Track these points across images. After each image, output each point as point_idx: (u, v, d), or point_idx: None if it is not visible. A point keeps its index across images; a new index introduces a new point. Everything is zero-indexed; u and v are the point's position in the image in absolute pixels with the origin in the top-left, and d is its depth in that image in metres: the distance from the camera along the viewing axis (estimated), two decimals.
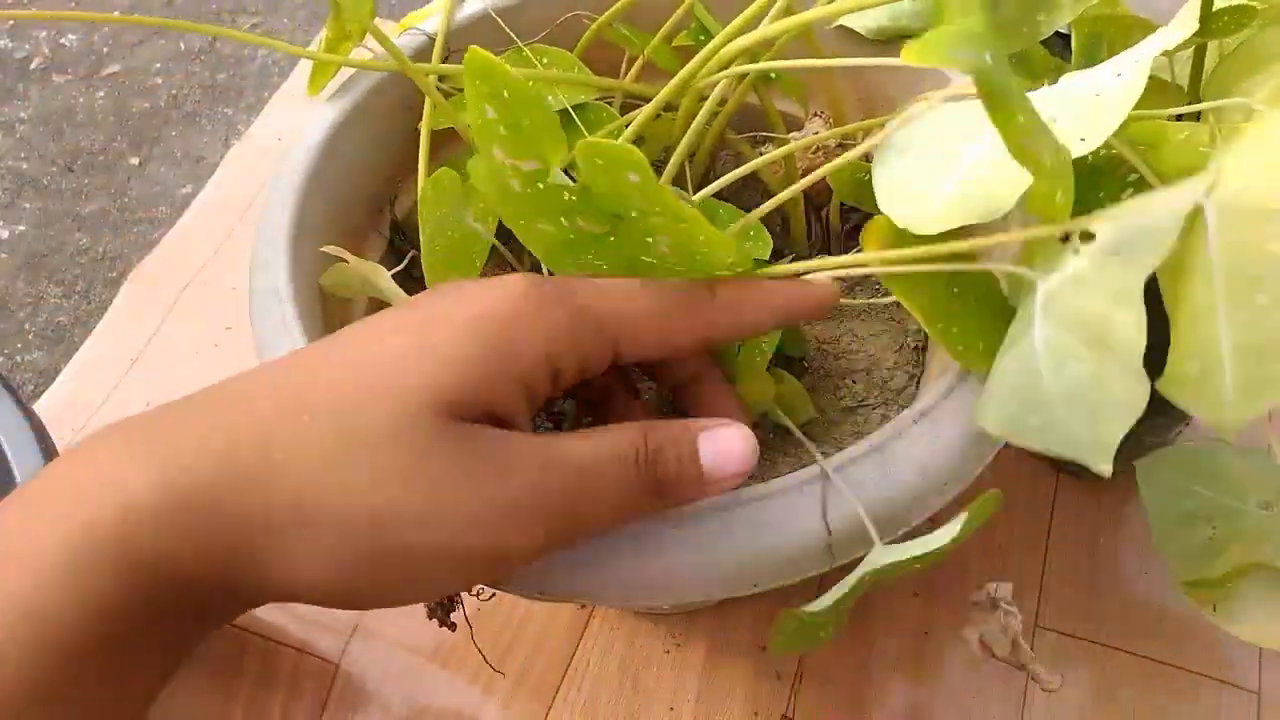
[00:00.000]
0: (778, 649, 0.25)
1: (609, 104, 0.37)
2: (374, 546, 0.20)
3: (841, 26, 0.38)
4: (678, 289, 0.24)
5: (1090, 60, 0.37)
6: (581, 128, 0.35)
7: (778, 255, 0.41)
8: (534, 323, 0.22)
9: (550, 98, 0.36)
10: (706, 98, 0.34)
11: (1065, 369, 0.22)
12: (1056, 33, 0.38)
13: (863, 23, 0.37)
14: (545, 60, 0.37)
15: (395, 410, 0.21)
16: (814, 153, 0.40)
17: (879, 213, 0.37)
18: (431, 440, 0.21)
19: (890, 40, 0.37)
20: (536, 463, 0.22)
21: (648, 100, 0.33)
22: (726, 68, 0.32)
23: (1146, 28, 0.33)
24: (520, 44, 0.36)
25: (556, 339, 0.23)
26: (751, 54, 0.35)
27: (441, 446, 0.21)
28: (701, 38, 0.36)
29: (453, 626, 0.31)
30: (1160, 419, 0.45)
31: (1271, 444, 0.26)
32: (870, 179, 0.35)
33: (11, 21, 1.79)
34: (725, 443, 0.24)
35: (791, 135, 0.39)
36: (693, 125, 0.33)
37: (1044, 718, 0.43)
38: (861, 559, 0.26)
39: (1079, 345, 0.21)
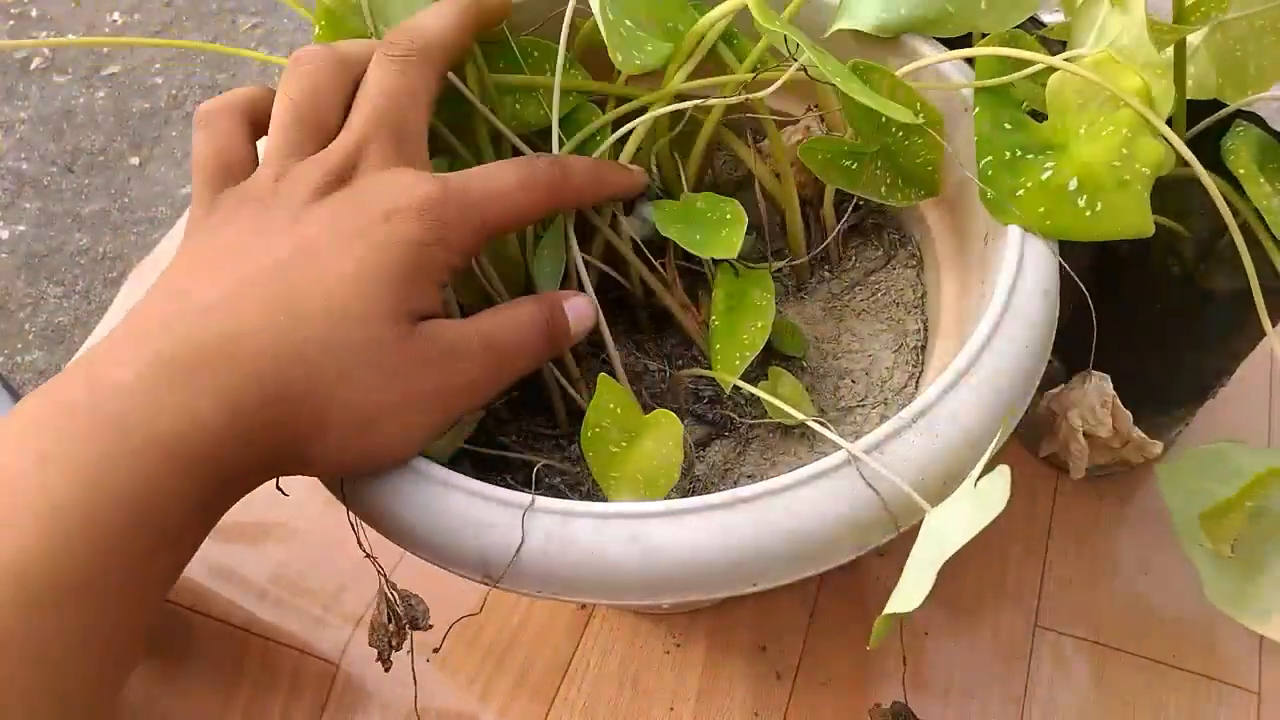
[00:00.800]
0: (878, 642, 0.25)
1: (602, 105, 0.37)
2: (387, 429, 0.27)
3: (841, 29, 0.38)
4: (529, 165, 0.31)
5: None
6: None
7: (777, 255, 0.41)
8: (442, 233, 0.28)
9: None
10: (703, 98, 0.34)
11: None
12: (1052, 36, 0.39)
13: (864, 19, 0.37)
14: (536, 54, 0.37)
15: (373, 330, 0.27)
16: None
17: (868, 200, 0.37)
18: (402, 344, 0.27)
19: (894, 35, 0.37)
20: (478, 343, 0.29)
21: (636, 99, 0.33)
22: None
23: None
24: (510, 37, 0.36)
25: (451, 241, 0.28)
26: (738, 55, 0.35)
27: (410, 348, 0.27)
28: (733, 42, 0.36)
29: (388, 665, 0.30)
30: (1162, 418, 0.46)
31: None
32: (854, 166, 0.35)
33: (11, 21, 1.79)
34: (580, 307, 0.32)
35: (786, 128, 0.39)
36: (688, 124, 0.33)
37: (1044, 717, 0.43)
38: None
39: None
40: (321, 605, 0.48)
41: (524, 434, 0.37)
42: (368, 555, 0.30)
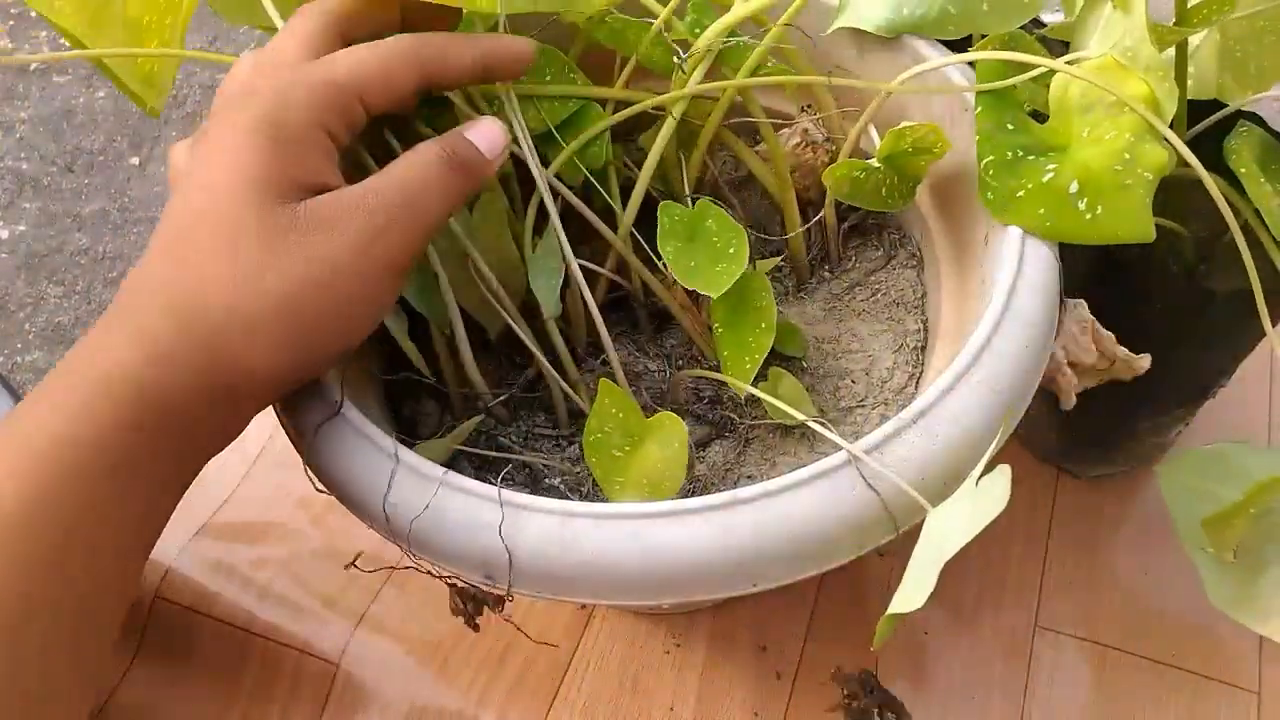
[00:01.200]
0: (881, 642, 0.25)
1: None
2: (301, 318, 0.27)
3: (844, 27, 0.37)
4: (397, 43, 0.30)
5: None
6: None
7: (777, 255, 0.41)
8: (295, 106, 0.28)
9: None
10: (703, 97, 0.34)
11: None
12: (1053, 36, 0.39)
13: (868, 18, 0.37)
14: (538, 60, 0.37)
15: (248, 217, 0.27)
16: (802, 148, 0.40)
17: (875, 209, 0.37)
18: (281, 222, 0.27)
19: (897, 34, 0.37)
20: (374, 198, 0.28)
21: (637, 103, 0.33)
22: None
23: None
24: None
25: (315, 105, 0.28)
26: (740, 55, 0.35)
27: (293, 222, 0.27)
28: (698, 31, 0.36)
29: (476, 627, 0.31)
30: (1162, 418, 0.45)
31: None
32: (864, 176, 0.35)
33: (11, 21, 1.79)
34: (487, 128, 0.31)
35: (783, 130, 0.39)
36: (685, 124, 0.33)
37: (1044, 717, 0.43)
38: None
39: None
40: (321, 605, 0.48)
41: (524, 434, 0.37)
42: (431, 574, 0.30)
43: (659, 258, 0.33)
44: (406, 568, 0.29)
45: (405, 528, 0.28)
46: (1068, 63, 0.31)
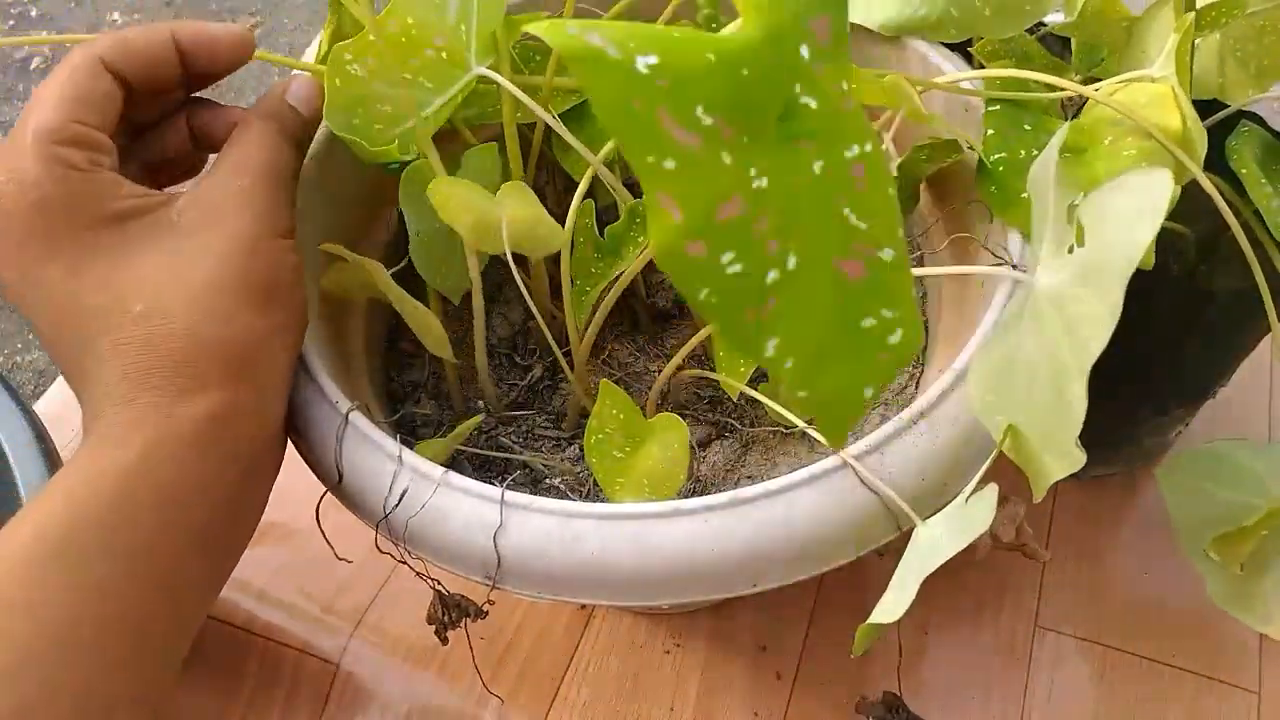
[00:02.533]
0: (862, 649, 0.25)
1: None
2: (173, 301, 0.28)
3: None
4: (148, 30, 0.31)
5: (1090, 59, 0.37)
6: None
7: None
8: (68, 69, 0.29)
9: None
10: None
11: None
12: (1053, 34, 0.39)
13: (872, 17, 0.37)
14: (539, 58, 0.37)
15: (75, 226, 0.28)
16: None
17: None
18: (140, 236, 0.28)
19: (898, 35, 0.37)
20: (228, 168, 0.30)
21: None
22: None
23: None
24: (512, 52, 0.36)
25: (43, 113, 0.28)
26: None
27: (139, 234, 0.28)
28: (714, 26, 0.36)
29: (445, 641, 0.31)
30: (1162, 418, 0.45)
31: None
32: None
33: (11, 21, 1.79)
34: (303, 85, 0.33)
35: None
36: None
37: (1044, 717, 0.43)
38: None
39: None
40: (321, 605, 0.48)
41: (524, 434, 0.37)
42: (419, 575, 0.30)
43: None
44: (402, 563, 0.29)
45: (404, 527, 0.28)
46: (1124, 81, 0.31)
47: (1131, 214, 0.22)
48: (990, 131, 0.32)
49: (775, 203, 0.17)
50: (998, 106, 0.33)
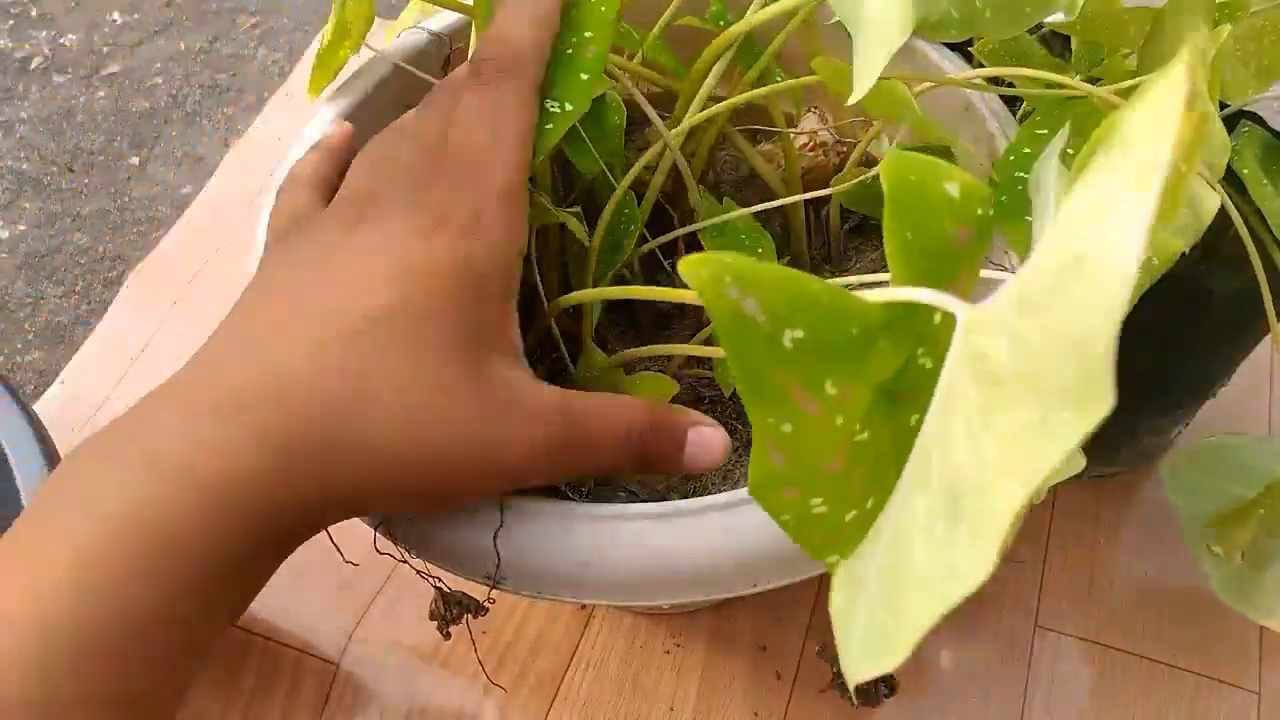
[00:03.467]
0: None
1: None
2: (437, 474, 0.25)
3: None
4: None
5: (1090, 60, 0.37)
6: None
7: (778, 256, 0.41)
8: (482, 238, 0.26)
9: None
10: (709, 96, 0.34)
11: None
12: (1054, 31, 0.39)
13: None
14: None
15: (433, 365, 0.25)
16: (810, 149, 0.40)
17: (881, 218, 0.37)
18: (463, 382, 0.25)
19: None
20: (557, 409, 0.26)
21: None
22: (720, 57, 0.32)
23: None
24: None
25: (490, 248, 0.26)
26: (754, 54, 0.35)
27: (473, 389, 0.25)
28: (721, 24, 0.36)
29: (448, 635, 0.31)
30: (1162, 418, 0.45)
31: None
32: (872, 184, 0.35)
33: (11, 21, 1.79)
34: (709, 439, 0.27)
35: (790, 131, 0.39)
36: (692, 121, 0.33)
37: (1044, 717, 0.43)
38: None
39: None
40: (321, 605, 0.48)
41: None
42: (420, 573, 0.30)
43: (663, 257, 0.33)
44: (403, 563, 0.29)
45: (404, 527, 0.28)
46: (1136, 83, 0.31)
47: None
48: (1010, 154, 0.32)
49: (871, 454, 0.18)
50: (1038, 117, 0.33)
